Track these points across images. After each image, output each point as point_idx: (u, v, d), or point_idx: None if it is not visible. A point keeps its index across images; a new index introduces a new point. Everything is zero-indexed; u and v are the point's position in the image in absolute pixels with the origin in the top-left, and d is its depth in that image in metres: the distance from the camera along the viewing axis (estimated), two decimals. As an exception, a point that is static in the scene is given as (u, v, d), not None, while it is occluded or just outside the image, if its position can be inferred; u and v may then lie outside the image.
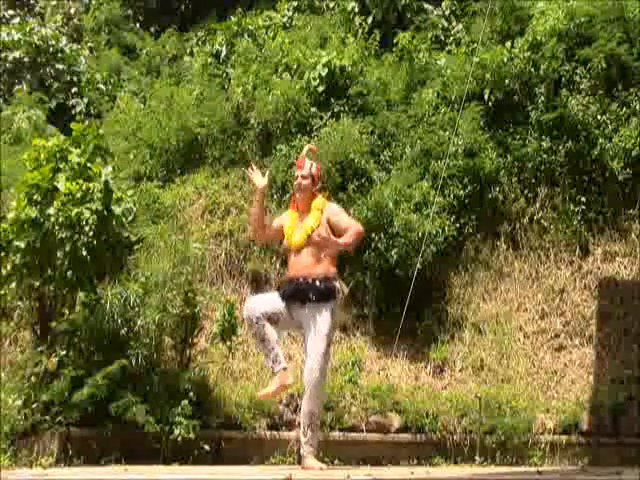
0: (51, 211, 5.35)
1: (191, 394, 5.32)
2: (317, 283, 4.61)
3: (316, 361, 4.54)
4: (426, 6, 10.46)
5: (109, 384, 5.02)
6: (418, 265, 6.99)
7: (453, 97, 8.50)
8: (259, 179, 4.90)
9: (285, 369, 4.63)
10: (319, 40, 9.33)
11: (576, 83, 8.56)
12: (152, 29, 12.43)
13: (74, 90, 10.61)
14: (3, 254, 5.47)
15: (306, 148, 5.08)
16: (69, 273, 5.36)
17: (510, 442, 6.04)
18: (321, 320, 4.60)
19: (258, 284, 7.36)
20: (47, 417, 5.02)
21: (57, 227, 5.32)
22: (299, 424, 4.71)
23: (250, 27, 10.24)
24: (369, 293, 7.35)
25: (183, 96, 9.12)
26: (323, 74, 8.44)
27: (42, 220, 5.37)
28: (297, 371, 5.66)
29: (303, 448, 4.59)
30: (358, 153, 7.72)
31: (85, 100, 10.39)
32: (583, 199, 8.10)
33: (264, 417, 5.65)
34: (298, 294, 4.63)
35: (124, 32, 11.99)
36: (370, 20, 10.15)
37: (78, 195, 5.40)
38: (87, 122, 6.73)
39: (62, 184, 5.43)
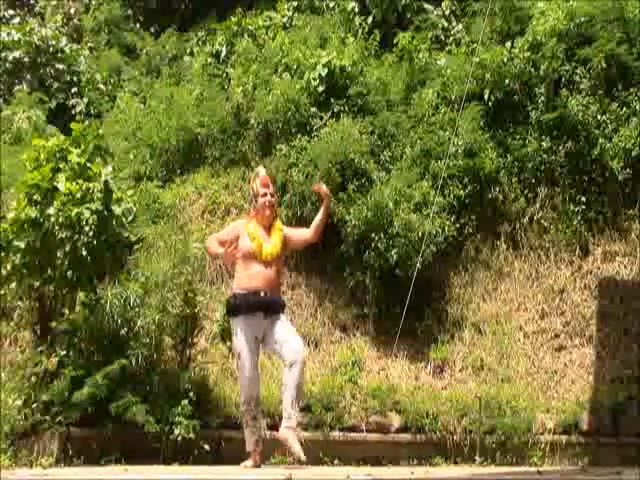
0: (51, 211, 5.36)
1: (191, 394, 5.33)
2: (278, 298, 5.07)
3: (299, 341, 4.92)
4: (426, 6, 10.43)
5: (109, 384, 5.03)
6: (418, 265, 6.99)
7: (453, 97, 8.49)
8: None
9: (262, 452, 4.97)
10: (319, 40, 9.30)
11: (576, 83, 8.55)
12: (152, 29, 12.39)
13: (74, 90, 10.60)
14: (3, 254, 5.48)
15: (263, 170, 5.31)
16: (69, 273, 5.36)
17: (510, 442, 6.05)
18: (282, 318, 5.00)
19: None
20: (47, 417, 5.03)
21: (57, 227, 5.32)
22: (285, 400, 4.79)
23: (250, 27, 10.22)
24: (369, 293, 7.35)
25: (183, 96, 9.11)
26: (323, 74, 8.42)
27: (42, 220, 5.38)
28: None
29: (289, 421, 4.72)
30: (358, 153, 7.71)
31: (85, 100, 10.38)
32: (583, 199, 8.10)
33: (264, 417, 5.63)
34: (263, 307, 4.91)
35: (124, 32, 11.97)
36: (370, 20, 10.12)
37: (78, 195, 5.41)
38: (87, 122, 6.72)
39: (62, 184, 5.43)
